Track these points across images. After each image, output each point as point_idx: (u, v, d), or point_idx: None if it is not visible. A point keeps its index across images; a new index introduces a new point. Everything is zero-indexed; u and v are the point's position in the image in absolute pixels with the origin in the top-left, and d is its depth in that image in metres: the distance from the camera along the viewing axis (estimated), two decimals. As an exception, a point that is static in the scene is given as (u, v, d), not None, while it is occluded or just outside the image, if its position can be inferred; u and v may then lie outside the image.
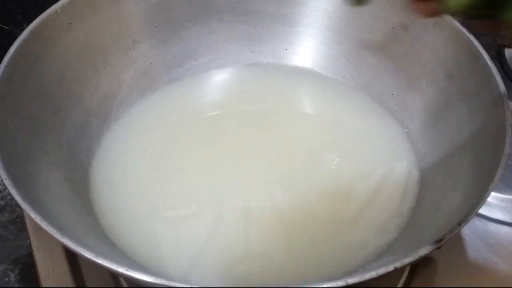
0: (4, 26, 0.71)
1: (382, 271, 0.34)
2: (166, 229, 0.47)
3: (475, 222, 0.53)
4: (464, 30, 0.51)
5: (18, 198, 0.38)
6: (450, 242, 0.36)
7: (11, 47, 0.47)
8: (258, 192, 0.50)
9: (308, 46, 0.64)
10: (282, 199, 0.50)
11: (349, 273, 0.34)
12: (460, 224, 0.37)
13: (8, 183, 0.38)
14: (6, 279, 0.51)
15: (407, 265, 0.35)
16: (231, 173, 0.52)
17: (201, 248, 0.46)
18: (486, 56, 0.48)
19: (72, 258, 0.49)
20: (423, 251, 0.35)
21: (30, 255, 0.50)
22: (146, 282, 0.34)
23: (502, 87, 0.46)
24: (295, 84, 0.62)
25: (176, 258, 0.44)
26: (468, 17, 0.36)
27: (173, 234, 0.47)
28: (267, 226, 0.48)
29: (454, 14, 0.38)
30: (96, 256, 0.34)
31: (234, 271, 0.44)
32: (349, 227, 0.48)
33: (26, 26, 0.49)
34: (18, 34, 0.48)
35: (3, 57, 0.46)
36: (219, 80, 0.62)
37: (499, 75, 0.46)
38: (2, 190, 0.57)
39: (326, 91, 0.60)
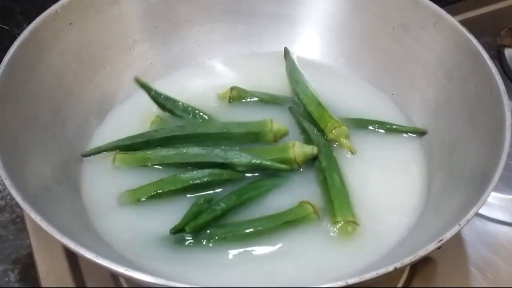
0: (4, 26, 0.71)
1: (382, 271, 0.34)
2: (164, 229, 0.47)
3: (475, 222, 0.53)
4: (464, 30, 0.51)
5: (18, 198, 0.38)
6: (450, 242, 0.36)
7: (11, 47, 0.47)
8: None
9: (308, 46, 0.64)
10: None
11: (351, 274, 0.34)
12: (460, 224, 0.37)
13: (8, 183, 0.38)
14: (6, 279, 0.51)
15: (407, 265, 0.35)
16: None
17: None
18: (486, 56, 0.48)
19: (72, 258, 0.49)
20: (423, 251, 0.35)
21: (30, 255, 0.50)
22: (146, 282, 0.34)
23: (502, 87, 0.46)
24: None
25: (172, 258, 0.44)
26: None
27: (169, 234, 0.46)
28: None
29: None
30: (96, 256, 0.34)
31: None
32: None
33: (26, 26, 0.49)
34: (18, 34, 0.48)
35: (3, 57, 0.46)
36: (220, 78, 0.62)
37: (499, 75, 0.46)
38: (2, 190, 0.57)
39: (325, 93, 0.60)
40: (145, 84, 0.57)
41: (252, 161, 0.49)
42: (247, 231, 0.45)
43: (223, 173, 0.49)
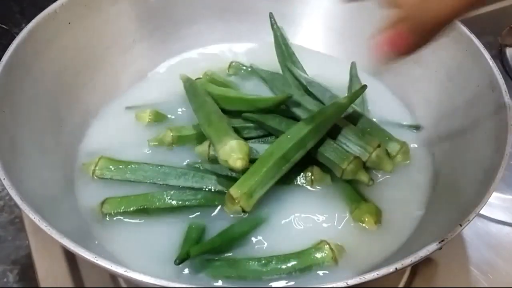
0: (3, 26, 0.71)
1: (383, 272, 0.34)
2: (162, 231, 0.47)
3: (476, 223, 0.53)
4: (466, 30, 0.51)
5: (17, 199, 0.37)
6: (451, 243, 0.36)
7: (10, 46, 0.47)
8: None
9: (309, 46, 0.64)
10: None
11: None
12: (461, 224, 0.37)
13: (7, 183, 0.38)
14: (5, 279, 0.51)
15: (408, 265, 0.35)
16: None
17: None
18: (487, 55, 0.48)
19: (71, 258, 0.49)
20: (424, 252, 0.35)
21: (29, 255, 0.50)
22: (146, 283, 0.33)
23: (503, 86, 0.45)
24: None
25: (166, 260, 0.43)
26: None
27: (167, 236, 0.46)
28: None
29: None
30: (95, 257, 0.34)
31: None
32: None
33: (25, 26, 0.49)
34: (17, 34, 0.48)
35: (2, 57, 0.46)
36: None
37: (501, 75, 0.46)
38: (0, 190, 0.57)
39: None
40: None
41: None
42: (255, 272, 0.42)
43: (215, 198, 0.47)
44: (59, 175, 0.48)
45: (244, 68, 0.61)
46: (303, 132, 0.46)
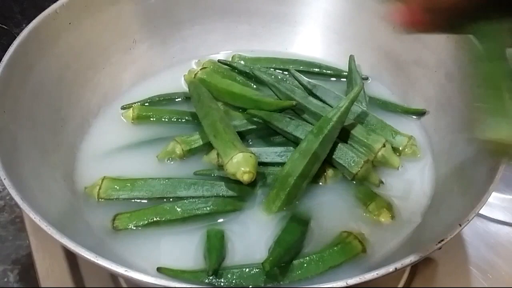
0: (3, 26, 0.71)
1: (382, 271, 0.34)
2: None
3: (475, 223, 0.53)
4: (465, 30, 0.51)
5: (17, 198, 0.38)
6: (450, 243, 0.36)
7: (11, 46, 0.47)
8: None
9: (308, 46, 0.64)
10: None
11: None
12: (460, 224, 0.37)
13: (7, 183, 0.38)
14: (6, 279, 0.51)
15: (408, 265, 0.35)
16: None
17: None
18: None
19: (71, 258, 0.49)
20: (424, 252, 0.35)
21: (29, 255, 0.50)
22: (146, 283, 0.33)
23: (503, 87, 0.45)
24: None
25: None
26: None
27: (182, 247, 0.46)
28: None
29: None
30: (96, 257, 0.34)
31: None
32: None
33: (26, 26, 0.49)
34: (18, 34, 0.48)
35: (3, 57, 0.46)
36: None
37: (500, 75, 0.46)
38: (1, 190, 0.57)
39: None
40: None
41: None
42: (287, 279, 0.41)
43: (227, 204, 0.46)
44: (60, 174, 0.48)
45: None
46: (315, 147, 0.46)
